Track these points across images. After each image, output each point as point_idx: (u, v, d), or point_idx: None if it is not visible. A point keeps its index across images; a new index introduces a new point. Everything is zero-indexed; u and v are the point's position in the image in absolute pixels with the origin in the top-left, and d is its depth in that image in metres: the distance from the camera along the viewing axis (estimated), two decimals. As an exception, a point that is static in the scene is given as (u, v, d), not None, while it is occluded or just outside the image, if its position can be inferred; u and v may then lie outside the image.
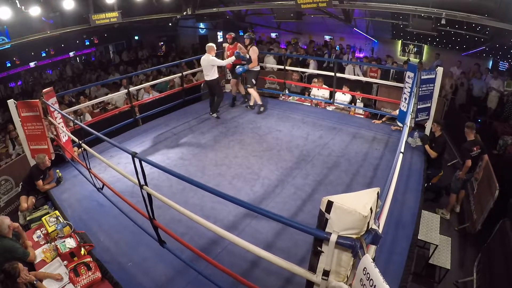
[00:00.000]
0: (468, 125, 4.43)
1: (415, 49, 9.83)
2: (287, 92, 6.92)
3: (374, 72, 7.68)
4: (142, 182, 2.54)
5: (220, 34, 13.75)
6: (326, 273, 1.56)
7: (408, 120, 3.87)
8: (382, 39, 10.24)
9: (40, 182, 4.03)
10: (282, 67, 6.90)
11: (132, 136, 5.46)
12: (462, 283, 3.55)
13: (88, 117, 6.49)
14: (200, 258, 2.51)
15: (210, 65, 5.53)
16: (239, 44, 5.91)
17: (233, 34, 6.01)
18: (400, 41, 9.98)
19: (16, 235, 3.11)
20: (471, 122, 4.63)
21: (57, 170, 4.27)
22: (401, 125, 4.48)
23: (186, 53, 13.35)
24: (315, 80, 6.76)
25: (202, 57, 5.62)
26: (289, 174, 4.18)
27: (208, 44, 5.64)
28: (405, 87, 4.77)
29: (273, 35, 12.77)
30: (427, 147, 4.57)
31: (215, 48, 5.68)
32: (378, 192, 1.58)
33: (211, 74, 5.62)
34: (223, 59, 6.02)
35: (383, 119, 5.79)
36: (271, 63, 8.39)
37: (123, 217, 3.25)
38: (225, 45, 6.29)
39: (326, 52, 9.73)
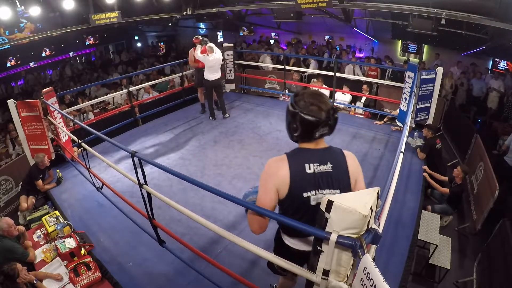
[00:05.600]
0: (465, 170, 4.18)
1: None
2: (287, 92, 6.92)
3: (373, 70, 7.67)
4: (142, 181, 2.53)
5: (220, 34, 13.73)
6: (326, 273, 1.56)
7: (409, 120, 3.86)
8: (382, 39, 10.22)
9: (40, 182, 4.03)
10: (282, 66, 6.89)
11: (132, 136, 5.47)
12: (462, 283, 3.55)
13: (91, 116, 6.49)
14: (200, 258, 2.51)
15: (220, 63, 5.51)
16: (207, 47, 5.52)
17: (200, 37, 5.64)
18: (400, 41, 9.98)
19: (17, 236, 3.11)
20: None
21: (57, 170, 4.27)
22: (401, 125, 4.48)
23: (186, 53, 13.30)
24: (314, 80, 6.76)
25: (214, 57, 5.38)
26: (289, 174, 4.17)
27: (211, 44, 5.47)
28: (405, 87, 4.78)
29: (273, 35, 12.74)
30: (418, 150, 4.59)
31: None
32: (378, 191, 1.57)
33: (219, 72, 5.59)
34: None
35: (385, 119, 5.78)
36: (267, 63, 8.37)
37: (123, 217, 3.25)
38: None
39: (326, 52, 9.73)
